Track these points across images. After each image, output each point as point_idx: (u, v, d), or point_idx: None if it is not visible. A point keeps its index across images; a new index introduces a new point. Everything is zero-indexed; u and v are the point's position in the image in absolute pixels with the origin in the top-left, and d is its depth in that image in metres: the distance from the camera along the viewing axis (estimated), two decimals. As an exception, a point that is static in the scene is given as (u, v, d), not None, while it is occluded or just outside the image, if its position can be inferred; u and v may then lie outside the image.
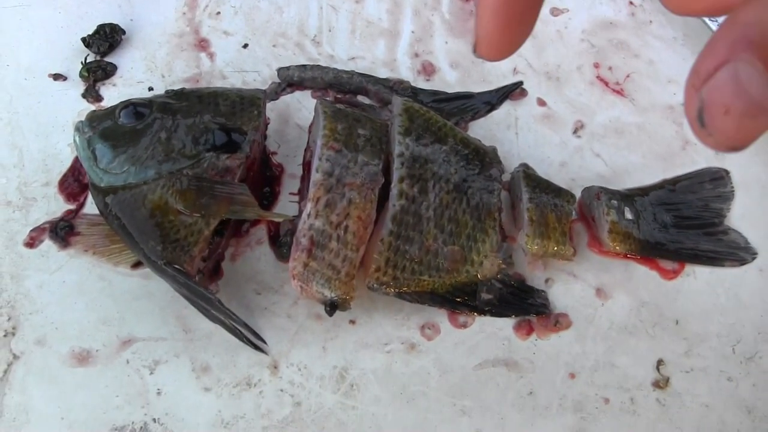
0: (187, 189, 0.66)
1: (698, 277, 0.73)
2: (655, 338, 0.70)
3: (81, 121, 0.70)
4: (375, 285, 0.66)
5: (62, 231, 0.72)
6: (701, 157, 0.78)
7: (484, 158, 0.72)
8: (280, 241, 0.71)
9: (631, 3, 0.88)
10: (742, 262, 0.74)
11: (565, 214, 0.71)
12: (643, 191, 0.75)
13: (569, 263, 0.72)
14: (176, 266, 0.64)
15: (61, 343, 0.67)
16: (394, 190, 0.68)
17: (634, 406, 0.67)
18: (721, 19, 0.40)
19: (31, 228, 0.72)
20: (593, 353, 0.69)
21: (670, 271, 0.73)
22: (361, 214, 0.65)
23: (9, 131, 0.77)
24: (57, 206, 0.73)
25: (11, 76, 0.81)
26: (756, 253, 0.74)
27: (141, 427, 0.64)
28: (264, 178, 0.75)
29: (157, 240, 0.65)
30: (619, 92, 0.82)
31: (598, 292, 0.72)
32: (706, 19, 0.82)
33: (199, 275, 0.68)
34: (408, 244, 0.67)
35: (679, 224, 0.74)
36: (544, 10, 0.88)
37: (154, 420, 0.64)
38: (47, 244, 0.72)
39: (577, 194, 0.74)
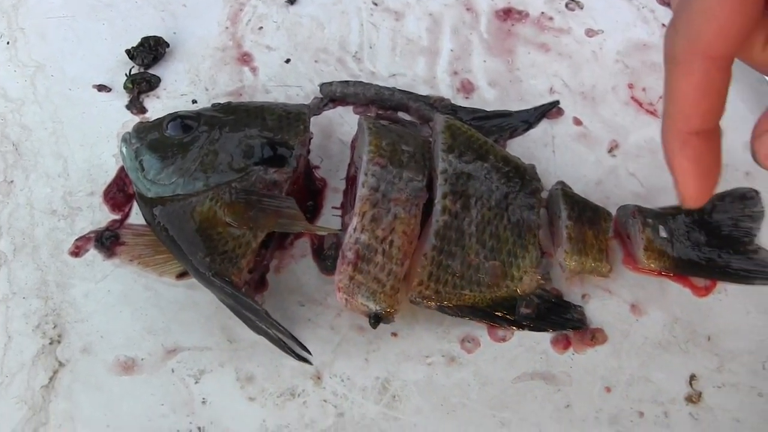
0: (235, 202, 0.67)
1: (729, 294, 0.74)
2: (688, 354, 0.71)
3: (128, 133, 0.71)
4: (417, 298, 0.68)
5: (108, 240, 0.73)
6: (732, 177, 0.80)
7: (523, 176, 0.73)
8: (325, 254, 0.73)
9: (664, 25, 0.90)
10: None
11: (603, 232, 0.72)
12: (677, 210, 0.76)
13: (605, 280, 0.73)
14: (224, 277, 0.65)
15: (106, 352, 0.68)
16: (438, 206, 0.69)
17: (668, 420, 0.68)
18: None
19: (76, 237, 0.73)
20: (628, 368, 0.70)
21: (702, 288, 0.74)
22: (406, 229, 0.67)
23: (54, 141, 0.78)
24: (102, 216, 0.75)
25: (56, 87, 0.82)
26: None
27: (187, 435, 0.65)
28: (307, 192, 0.77)
29: (206, 251, 0.66)
30: (653, 113, 0.84)
31: (633, 308, 0.73)
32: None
33: (245, 287, 0.69)
34: (450, 259, 0.68)
35: (711, 243, 0.75)
36: (579, 31, 0.90)
37: (199, 429, 0.65)
38: (92, 254, 0.73)
39: (612, 212, 0.75)
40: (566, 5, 0.92)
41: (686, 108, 0.49)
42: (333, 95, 0.82)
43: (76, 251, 0.73)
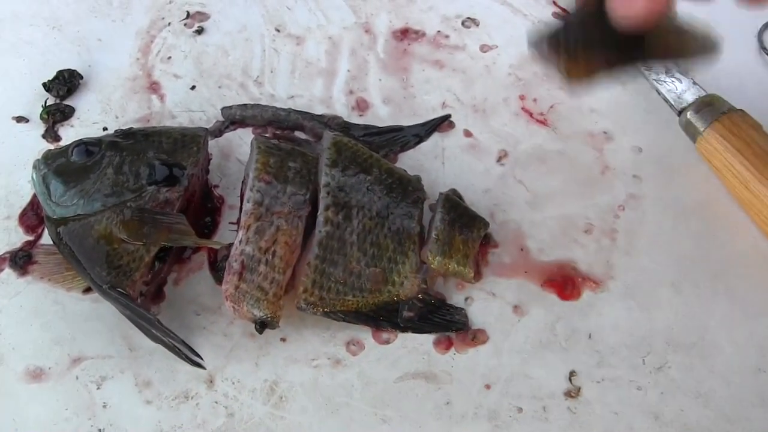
0: (130, 220, 0.72)
1: (612, 293, 0.76)
2: (568, 351, 0.73)
3: (38, 159, 0.76)
4: (303, 305, 0.71)
5: (21, 260, 0.77)
6: (620, 182, 0.83)
7: (407, 186, 0.77)
8: (218, 266, 0.76)
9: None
10: None
11: (473, 240, 0.75)
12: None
13: (487, 283, 0.77)
14: (119, 289, 0.69)
15: (17, 362, 0.72)
16: (320, 218, 0.73)
17: (546, 414, 0.70)
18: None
19: (-8, 257, 0.78)
20: (509, 365, 0.73)
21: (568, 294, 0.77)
22: (288, 240, 0.71)
23: (-25, 170, 0.83)
24: (17, 237, 0.79)
25: (-22, 120, 0.87)
26: None
27: (87, 438, 0.69)
28: (205, 209, 0.81)
29: (103, 266, 0.70)
30: (543, 122, 0.87)
31: (516, 309, 0.75)
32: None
33: (141, 298, 0.73)
34: (333, 267, 0.72)
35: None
36: (474, 47, 0.94)
37: (100, 430, 0.69)
38: (7, 272, 0.77)
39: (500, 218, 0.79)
40: (462, 23, 0.95)
41: None
42: (233, 118, 0.86)
43: (-8, 270, 0.77)
